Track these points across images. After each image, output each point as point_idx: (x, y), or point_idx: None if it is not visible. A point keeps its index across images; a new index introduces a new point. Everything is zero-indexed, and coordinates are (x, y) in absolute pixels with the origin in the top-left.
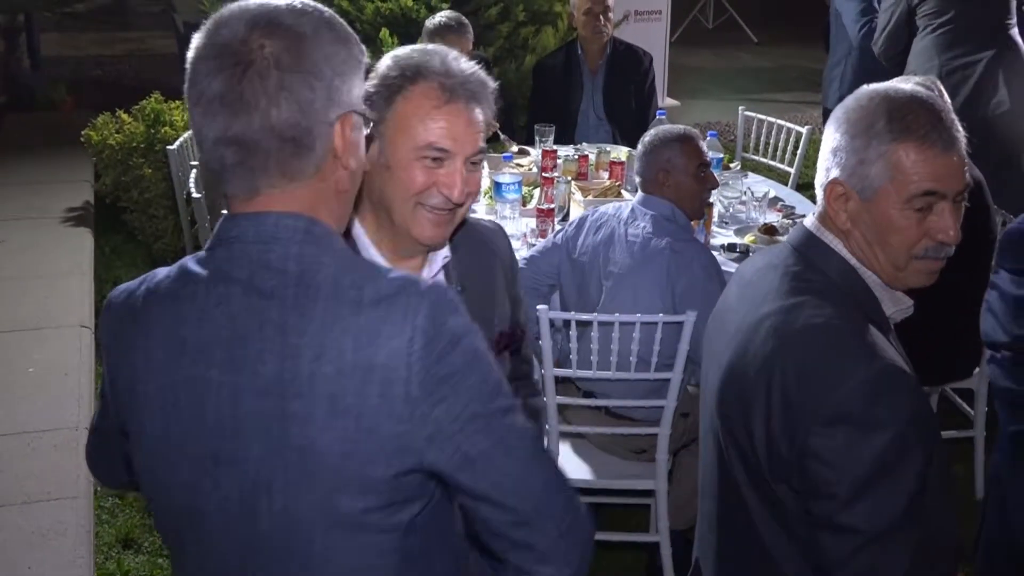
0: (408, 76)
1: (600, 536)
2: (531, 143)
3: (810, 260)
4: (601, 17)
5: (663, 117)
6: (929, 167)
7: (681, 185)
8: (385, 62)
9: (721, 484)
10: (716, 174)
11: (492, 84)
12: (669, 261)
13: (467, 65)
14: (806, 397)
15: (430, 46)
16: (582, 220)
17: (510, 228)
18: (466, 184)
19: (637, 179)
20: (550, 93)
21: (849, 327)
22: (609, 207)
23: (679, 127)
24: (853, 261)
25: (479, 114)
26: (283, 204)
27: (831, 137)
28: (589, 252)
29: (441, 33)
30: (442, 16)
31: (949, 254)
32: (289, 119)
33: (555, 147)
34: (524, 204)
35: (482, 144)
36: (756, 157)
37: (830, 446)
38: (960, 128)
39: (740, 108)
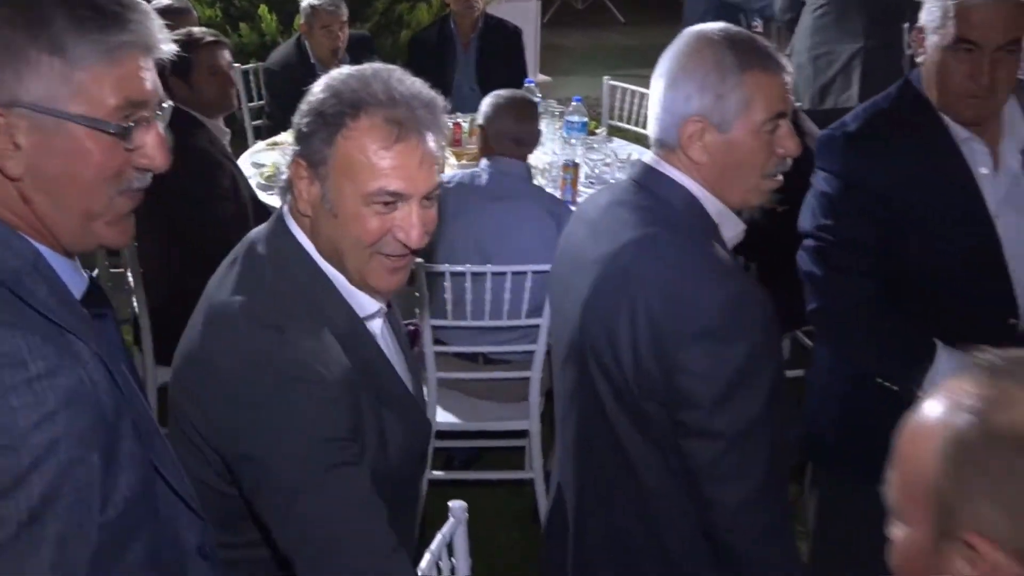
0: (347, 111)
1: (480, 475)
2: None
3: (655, 193)
4: None
5: (531, 85)
6: (774, 90)
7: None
8: (318, 93)
9: (583, 409)
10: (582, 138)
11: (441, 102)
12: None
13: (413, 86)
14: (670, 318)
15: (369, 68)
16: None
17: None
18: (424, 224)
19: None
20: (425, 66)
21: (702, 251)
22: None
23: (511, 92)
24: (695, 190)
25: (432, 144)
26: None
27: (670, 79)
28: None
29: (317, 10)
30: None
31: (787, 167)
32: None
33: None
34: None
35: (438, 177)
36: (621, 124)
37: (695, 360)
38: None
39: (605, 78)
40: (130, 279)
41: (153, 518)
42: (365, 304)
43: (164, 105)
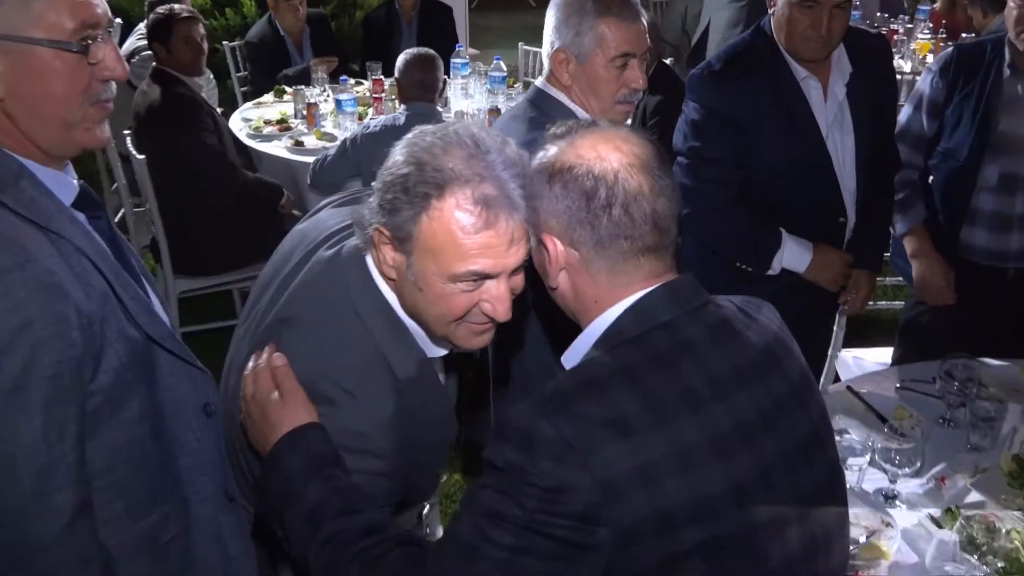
0: (432, 192)
1: None
2: (364, 77)
3: (542, 108)
4: None
5: (460, 48)
6: (624, 35)
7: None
8: (400, 162)
9: None
10: (502, 89)
11: (527, 162)
12: None
13: (499, 150)
14: None
15: (451, 128)
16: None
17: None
18: (513, 293)
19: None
20: (375, 39)
21: None
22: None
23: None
24: (572, 106)
25: (520, 219)
26: None
27: (552, 19)
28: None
29: None
30: None
31: (638, 99)
32: None
33: (382, 77)
34: (360, 119)
35: (527, 250)
36: (531, 79)
37: None
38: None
39: (520, 43)
40: (150, 211)
41: (149, 382)
42: (435, 349)
43: (115, 23)
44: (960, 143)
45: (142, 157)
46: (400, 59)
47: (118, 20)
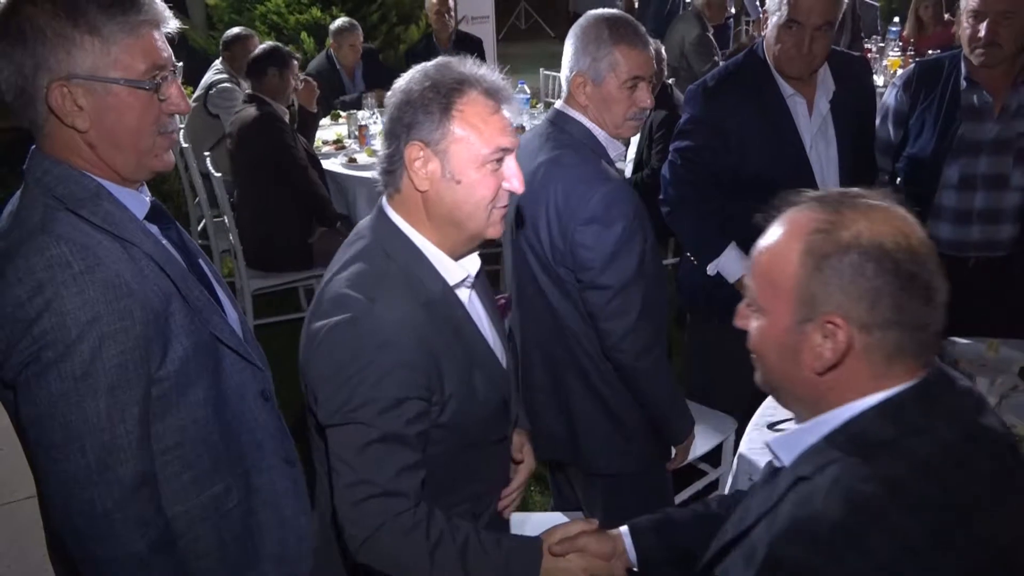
0: (454, 89)
1: None
2: None
3: (561, 127)
4: (446, 15)
5: None
6: (635, 60)
7: None
8: (407, 88)
9: (521, 274)
10: (526, 109)
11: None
12: None
13: (484, 66)
14: (569, 208)
15: (434, 62)
16: None
17: None
18: None
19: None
20: None
21: (591, 165)
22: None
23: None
24: (589, 125)
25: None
26: (41, 145)
27: (571, 47)
28: None
29: (342, 32)
30: (341, 21)
31: (646, 116)
32: (7, 79)
33: None
34: None
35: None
36: (552, 100)
37: (588, 236)
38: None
39: (541, 69)
40: (226, 221)
41: (212, 371)
42: (454, 272)
43: (178, 65)
44: (924, 148)
45: (219, 175)
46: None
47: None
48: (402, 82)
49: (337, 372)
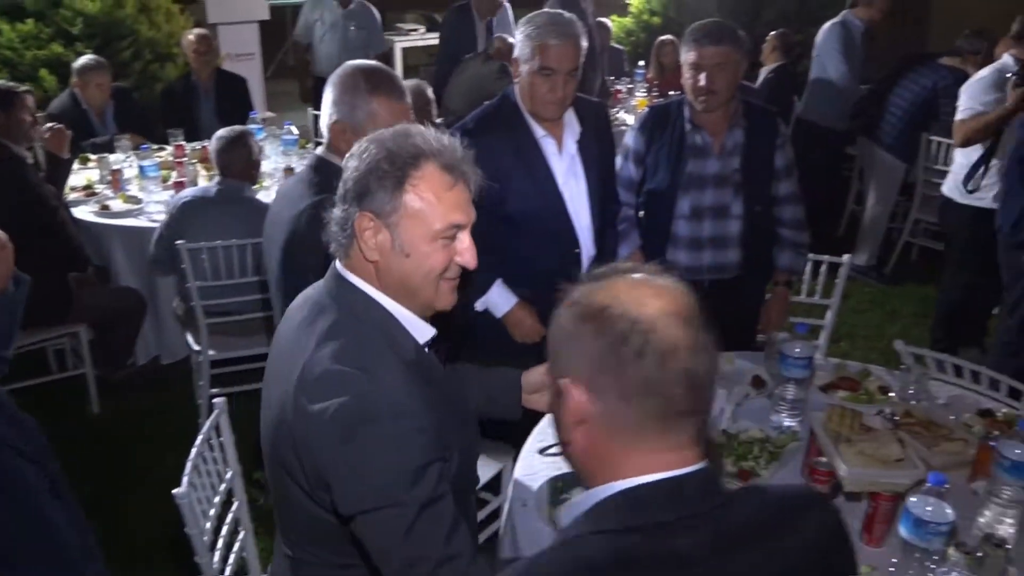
0: (409, 162)
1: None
2: (166, 143)
3: (323, 173)
4: (205, 55)
5: (254, 116)
6: (389, 111)
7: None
8: (365, 156)
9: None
10: (295, 150)
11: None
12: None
13: (442, 136)
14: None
15: (392, 130)
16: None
17: (156, 197)
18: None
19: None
20: (177, 107)
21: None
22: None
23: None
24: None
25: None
26: None
27: (330, 95)
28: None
29: (87, 70)
30: (87, 59)
31: None
32: None
33: (183, 142)
34: (164, 181)
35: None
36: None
37: None
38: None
39: (309, 109)
40: None
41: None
42: (424, 332)
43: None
44: (660, 183)
45: None
46: (222, 138)
47: None
48: (358, 148)
49: (358, 458)
